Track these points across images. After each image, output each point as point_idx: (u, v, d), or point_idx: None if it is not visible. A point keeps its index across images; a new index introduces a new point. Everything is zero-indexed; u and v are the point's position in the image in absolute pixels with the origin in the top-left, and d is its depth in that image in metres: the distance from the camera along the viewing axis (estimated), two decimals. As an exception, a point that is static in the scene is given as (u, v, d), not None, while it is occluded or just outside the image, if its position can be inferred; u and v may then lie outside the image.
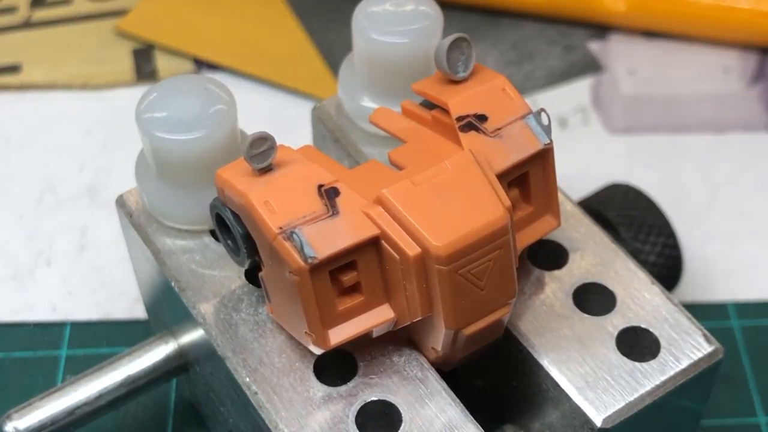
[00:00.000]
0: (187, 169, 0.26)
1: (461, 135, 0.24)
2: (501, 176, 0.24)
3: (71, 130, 0.39)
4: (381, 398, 0.24)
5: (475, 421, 0.24)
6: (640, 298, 0.26)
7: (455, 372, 0.27)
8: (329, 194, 0.23)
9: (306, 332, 0.24)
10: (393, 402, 0.24)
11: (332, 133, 0.30)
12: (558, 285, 0.27)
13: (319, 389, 0.25)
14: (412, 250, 0.23)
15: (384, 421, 0.24)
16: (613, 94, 0.40)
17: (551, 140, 0.25)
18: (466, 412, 0.24)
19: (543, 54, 0.41)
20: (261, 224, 0.23)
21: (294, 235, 0.23)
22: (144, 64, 0.41)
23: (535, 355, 0.25)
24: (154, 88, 0.27)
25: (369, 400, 0.24)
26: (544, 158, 0.25)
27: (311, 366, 0.25)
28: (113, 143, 0.39)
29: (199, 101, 0.26)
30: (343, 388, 0.25)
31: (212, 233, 0.27)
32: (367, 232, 0.23)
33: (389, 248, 0.23)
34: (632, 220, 0.31)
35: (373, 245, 0.23)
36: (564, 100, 0.40)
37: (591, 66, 0.41)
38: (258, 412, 0.24)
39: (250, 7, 0.43)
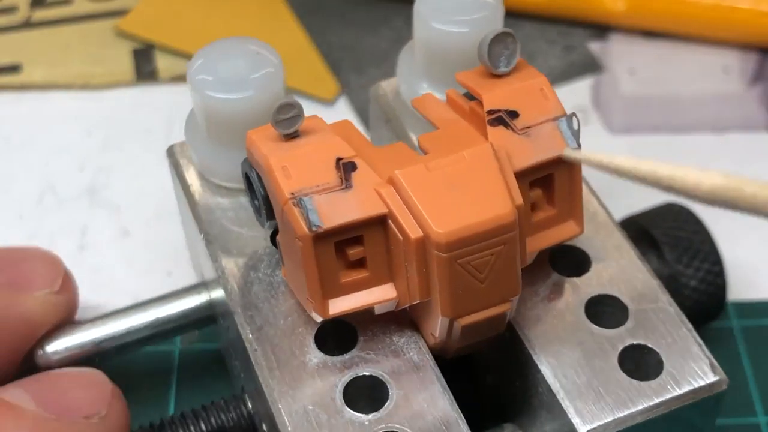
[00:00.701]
0: (232, 128, 0.27)
1: (489, 128, 0.25)
2: (523, 174, 0.24)
3: (71, 130, 0.39)
4: (373, 374, 0.25)
5: (459, 411, 0.24)
6: (653, 318, 0.26)
7: (467, 366, 0.28)
8: (346, 168, 0.24)
9: (308, 299, 0.24)
10: (383, 380, 0.25)
11: (385, 114, 0.31)
12: (574, 292, 0.27)
13: (315, 356, 0.25)
14: (414, 233, 0.23)
15: (371, 396, 0.25)
16: (613, 94, 0.40)
17: (579, 145, 0.25)
18: (454, 402, 0.25)
19: (543, 54, 0.41)
20: (275, 188, 0.24)
21: (303, 202, 0.23)
22: (144, 64, 0.41)
23: (535, 358, 0.25)
24: (206, 50, 0.28)
25: (361, 374, 0.25)
26: (570, 163, 0.25)
27: (313, 333, 0.26)
28: (113, 143, 0.39)
29: (248, 63, 0.27)
30: (338, 359, 0.25)
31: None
32: (375, 209, 0.23)
33: (395, 228, 0.23)
34: (678, 241, 0.30)
35: (381, 223, 0.24)
36: (564, 100, 0.39)
37: (591, 66, 0.41)
38: (255, 368, 0.25)
39: (250, 7, 0.43)
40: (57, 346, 0.29)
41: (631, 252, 0.27)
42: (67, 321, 0.30)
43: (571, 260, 0.27)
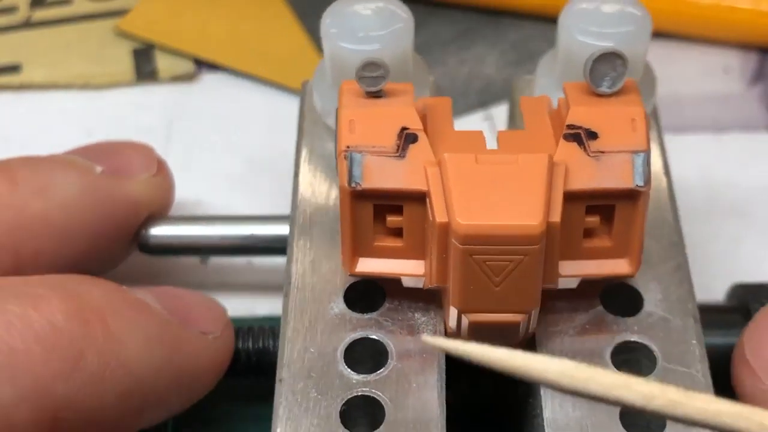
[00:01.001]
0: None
1: (562, 141, 0.24)
2: (579, 196, 0.24)
3: (71, 130, 0.39)
4: (380, 340, 0.25)
5: (444, 407, 0.24)
6: (678, 382, 0.25)
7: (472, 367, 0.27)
8: (407, 138, 0.24)
9: (341, 251, 0.25)
10: (387, 348, 0.25)
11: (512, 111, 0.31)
12: (610, 330, 0.26)
13: (338, 306, 0.26)
14: (440, 217, 0.23)
15: (372, 360, 0.25)
16: (613, 94, 0.40)
17: (645, 186, 0.24)
18: (443, 396, 0.25)
19: (543, 54, 0.41)
20: (338, 138, 0.24)
21: (352, 157, 0.24)
22: (144, 64, 0.41)
23: (541, 394, 0.25)
24: (340, 2, 0.28)
25: (369, 336, 0.25)
26: (634, 200, 0.24)
27: (346, 285, 0.26)
28: (113, 143, 0.39)
29: (380, 18, 0.28)
30: (356, 316, 0.26)
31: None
32: (416, 184, 0.24)
33: (429, 208, 0.24)
34: None
35: (423, 200, 0.24)
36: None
37: (591, 66, 0.41)
38: (285, 298, 0.26)
39: (250, 6, 0.43)
40: (158, 230, 0.32)
41: (691, 309, 0.26)
42: (166, 206, 0.33)
43: (625, 298, 0.26)
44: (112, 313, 0.25)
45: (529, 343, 0.26)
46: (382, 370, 0.25)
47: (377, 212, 0.24)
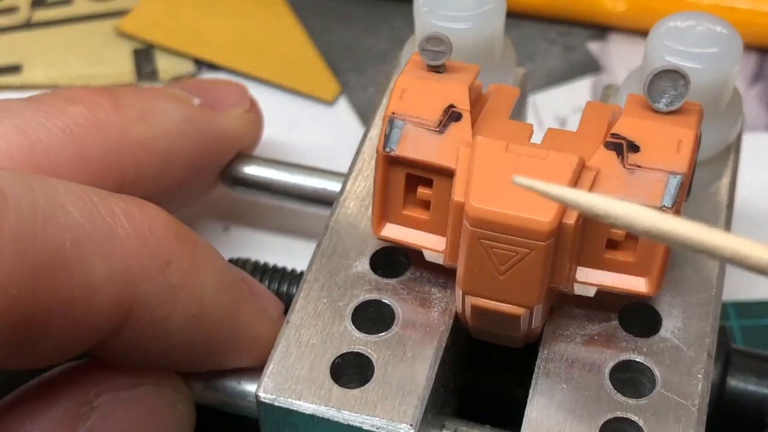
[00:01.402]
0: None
1: (601, 148, 0.24)
2: None
3: (71, 131, 0.39)
4: (390, 305, 0.26)
5: (431, 382, 0.25)
6: (670, 408, 0.24)
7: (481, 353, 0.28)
8: (451, 116, 0.25)
9: (372, 212, 0.26)
10: (395, 315, 0.26)
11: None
12: (617, 346, 0.25)
13: (362, 267, 0.27)
14: (459, 196, 0.24)
15: (378, 323, 0.26)
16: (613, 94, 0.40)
17: (672, 208, 0.24)
18: (433, 373, 0.25)
19: (543, 54, 0.41)
20: (388, 102, 0.25)
21: (393, 123, 0.25)
22: (144, 64, 0.41)
23: (534, 378, 0.25)
24: None
25: (381, 299, 0.26)
26: None
27: (374, 249, 0.27)
28: (113, 143, 0.39)
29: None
30: (375, 278, 0.26)
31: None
32: (446, 161, 0.24)
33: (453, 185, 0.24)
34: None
35: (452, 177, 0.24)
36: (564, 100, 0.40)
37: (591, 66, 0.41)
38: (317, 246, 0.27)
39: (250, 7, 0.43)
40: (244, 169, 0.33)
41: (708, 344, 0.26)
42: (255, 142, 0.34)
43: (644, 319, 0.26)
44: (201, 244, 0.26)
45: (535, 343, 0.26)
46: (383, 333, 0.25)
47: (410, 182, 0.25)
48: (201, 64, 0.41)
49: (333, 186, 0.32)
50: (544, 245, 0.23)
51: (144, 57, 0.41)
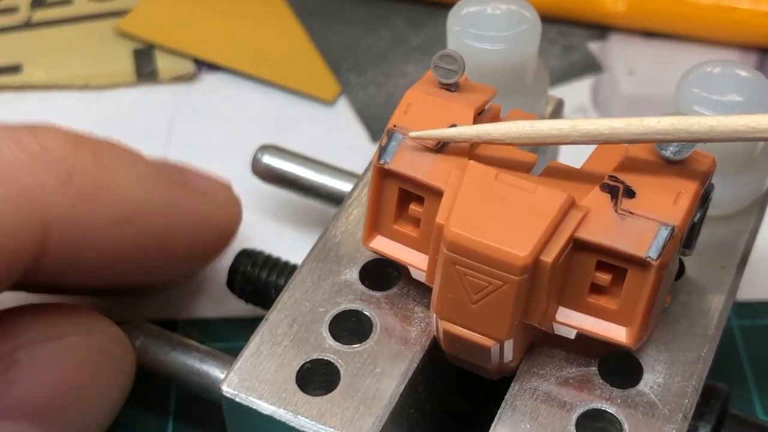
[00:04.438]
0: (476, 75, 0.27)
1: (596, 189, 0.24)
2: (591, 249, 0.23)
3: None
4: (371, 318, 0.26)
5: (395, 401, 0.24)
6: None
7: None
8: None
9: (364, 222, 0.26)
10: (373, 328, 0.26)
11: None
12: (591, 392, 0.25)
13: (351, 274, 0.27)
14: (441, 218, 0.24)
15: (356, 333, 0.26)
16: (613, 94, 0.40)
17: (657, 260, 0.23)
18: (400, 391, 0.25)
19: (543, 54, 0.41)
20: (392, 114, 0.25)
21: (392, 136, 0.25)
22: (144, 64, 0.41)
23: (493, 422, 0.24)
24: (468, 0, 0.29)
25: (363, 312, 0.26)
26: (644, 271, 0.23)
27: (368, 258, 0.27)
28: (113, 143, 0.39)
29: (507, 20, 0.28)
30: (361, 288, 0.26)
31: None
32: (437, 181, 0.24)
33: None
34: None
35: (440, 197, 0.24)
36: (564, 101, 0.40)
37: (591, 66, 0.41)
38: (312, 248, 0.27)
39: (250, 7, 0.43)
40: (268, 159, 0.34)
41: (685, 405, 0.25)
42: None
43: (625, 369, 0.25)
44: (106, 148, 0.26)
45: (508, 379, 0.25)
46: (357, 345, 0.25)
47: (404, 197, 0.25)
48: (201, 64, 0.41)
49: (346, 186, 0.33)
50: (517, 279, 0.23)
51: (144, 57, 0.41)
